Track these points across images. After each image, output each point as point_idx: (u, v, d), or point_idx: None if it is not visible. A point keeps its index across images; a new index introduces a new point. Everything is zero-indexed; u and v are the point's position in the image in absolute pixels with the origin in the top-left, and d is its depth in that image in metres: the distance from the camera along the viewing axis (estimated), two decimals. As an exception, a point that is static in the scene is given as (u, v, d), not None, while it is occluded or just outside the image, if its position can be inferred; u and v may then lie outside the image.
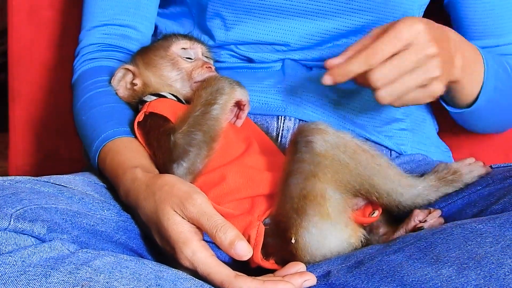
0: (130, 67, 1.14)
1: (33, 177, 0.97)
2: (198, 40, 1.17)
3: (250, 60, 1.22)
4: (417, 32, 0.98)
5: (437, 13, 1.29)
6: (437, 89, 1.02)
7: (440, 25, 1.05)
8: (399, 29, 0.98)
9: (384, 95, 0.99)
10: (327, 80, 1.00)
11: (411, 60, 0.98)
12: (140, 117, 1.05)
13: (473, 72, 1.12)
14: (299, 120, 1.17)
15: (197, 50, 1.15)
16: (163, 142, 1.01)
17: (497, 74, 1.15)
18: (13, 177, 0.95)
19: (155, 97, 1.09)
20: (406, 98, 1.00)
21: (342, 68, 0.99)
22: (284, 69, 1.21)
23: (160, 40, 1.18)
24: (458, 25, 1.27)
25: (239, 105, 1.08)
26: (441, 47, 1.01)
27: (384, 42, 0.97)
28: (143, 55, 1.15)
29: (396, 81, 0.98)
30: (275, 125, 1.17)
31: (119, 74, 1.14)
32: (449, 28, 1.08)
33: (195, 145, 1.00)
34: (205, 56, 1.17)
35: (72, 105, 1.19)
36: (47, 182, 0.97)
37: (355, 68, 0.98)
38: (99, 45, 1.24)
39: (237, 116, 1.10)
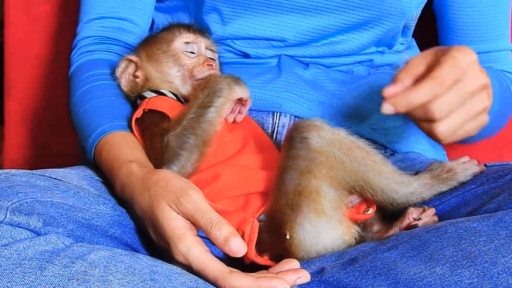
0: (133, 58, 1.13)
1: (28, 171, 0.97)
2: (202, 33, 1.16)
3: (246, 56, 1.22)
4: (472, 62, 0.94)
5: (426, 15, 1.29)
6: (485, 119, 0.98)
7: None
8: (457, 57, 0.93)
9: (443, 129, 0.94)
10: (388, 109, 0.94)
11: (469, 89, 0.94)
12: (139, 113, 1.05)
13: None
14: (295, 116, 1.17)
15: (200, 45, 1.14)
16: (155, 143, 1.01)
17: (499, 95, 1.12)
18: (9, 170, 0.95)
19: (154, 94, 1.09)
20: (459, 132, 0.96)
21: (405, 98, 0.92)
22: (280, 65, 1.21)
23: (164, 31, 1.16)
24: (445, 28, 1.27)
25: (240, 101, 1.08)
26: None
27: (446, 70, 0.92)
28: (146, 47, 1.14)
29: (453, 113, 0.94)
30: (271, 121, 1.17)
31: (122, 64, 1.13)
32: None
33: (187, 149, 0.99)
34: (209, 50, 1.16)
35: (68, 97, 1.18)
36: (43, 175, 0.97)
37: (420, 97, 0.91)
38: (96, 37, 1.24)
39: (239, 112, 1.09)
